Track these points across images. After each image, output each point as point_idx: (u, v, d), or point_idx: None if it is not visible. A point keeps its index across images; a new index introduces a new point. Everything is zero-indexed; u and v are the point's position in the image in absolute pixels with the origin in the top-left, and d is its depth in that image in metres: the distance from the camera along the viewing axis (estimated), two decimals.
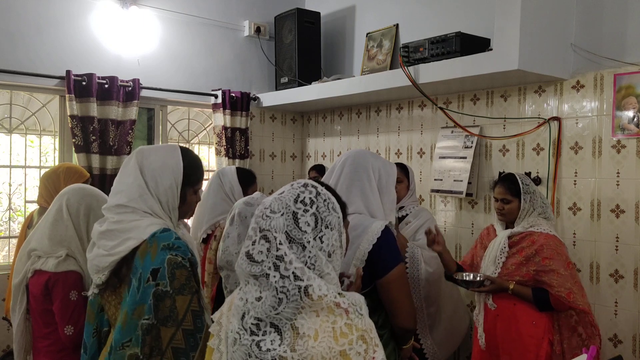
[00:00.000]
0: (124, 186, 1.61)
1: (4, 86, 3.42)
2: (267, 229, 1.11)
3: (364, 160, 1.93)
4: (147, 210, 1.58)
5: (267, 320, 1.08)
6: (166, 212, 1.62)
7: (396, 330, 1.84)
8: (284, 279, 1.08)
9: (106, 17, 3.69)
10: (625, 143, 2.70)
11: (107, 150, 3.57)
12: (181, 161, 1.64)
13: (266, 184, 4.54)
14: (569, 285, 2.30)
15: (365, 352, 1.07)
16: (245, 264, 1.12)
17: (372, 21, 4.07)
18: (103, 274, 1.57)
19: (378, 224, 1.80)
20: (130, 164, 1.63)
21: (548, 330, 2.37)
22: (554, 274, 2.32)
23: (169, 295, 1.47)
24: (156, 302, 1.46)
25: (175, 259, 1.49)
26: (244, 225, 2.19)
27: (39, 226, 2.05)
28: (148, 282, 1.48)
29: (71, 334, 1.93)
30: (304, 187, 1.18)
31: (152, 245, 1.52)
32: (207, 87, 4.18)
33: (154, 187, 1.60)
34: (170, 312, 1.47)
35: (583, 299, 2.34)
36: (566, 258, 2.37)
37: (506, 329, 2.43)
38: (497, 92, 3.24)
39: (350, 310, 1.10)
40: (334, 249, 1.16)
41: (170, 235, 1.54)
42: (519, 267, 2.40)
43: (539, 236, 2.37)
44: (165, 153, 1.66)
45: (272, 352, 1.06)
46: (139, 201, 1.58)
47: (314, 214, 1.14)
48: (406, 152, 3.82)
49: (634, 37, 2.66)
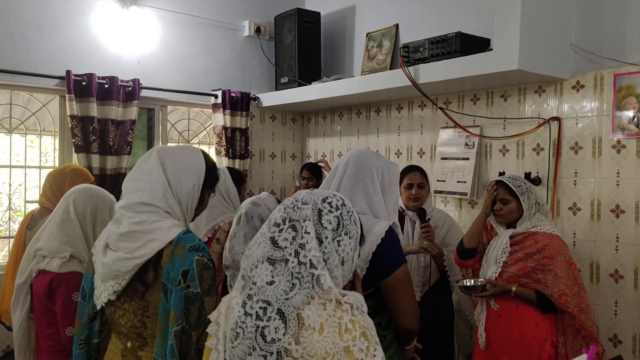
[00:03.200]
0: (146, 184, 1.54)
1: (4, 86, 3.42)
2: (297, 219, 1.15)
3: (367, 160, 1.92)
4: (168, 209, 1.54)
5: (275, 306, 1.09)
6: (184, 213, 1.59)
7: (399, 331, 1.83)
8: (300, 265, 1.11)
9: (106, 17, 3.69)
10: (625, 143, 2.70)
11: (107, 150, 3.57)
12: (204, 162, 1.63)
13: (266, 184, 4.54)
14: (563, 287, 2.29)
15: (367, 350, 1.08)
16: (267, 247, 1.14)
17: (372, 21, 4.07)
18: (124, 279, 1.48)
19: (382, 225, 1.79)
20: (151, 162, 1.57)
21: (551, 332, 2.35)
22: (551, 274, 2.31)
23: (199, 296, 1.44)
24: (187, 305, 1.42)
25: (202, 260, 1.47)
26: (250, 225, 2.19)
27: (46, 226, 2.04)
28: (180, 285, 1.43)
29: (72, 335, 1.93)
30: (332, 194, 1.23)
31: (179, 247, 1.47)
32: (207, 87, 4.18)
33: (176, 186, 1.56)
34: (199, 314, 1.44)
35: (578, 301, 2.30)
36: (568, 259, 2.36)
37: (508, 330, 2.42)
38: (497, 92, 3.25)
39: (354, 305, 1.11)
40: (348, 258, 1.19)
41: (194, 237, 1.51)
42: (517, 262, 2.39)
43: (542, 236, 2.37)
44: (189, 154, 1.64)
45: (277, 344, 1.06)
46: (162, 200, 1.53)
47: (337, 216, 1.18)
48: (406, 152, 3.82)
49: (634, 37, 2.66)
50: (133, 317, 1.53)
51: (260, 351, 1.07)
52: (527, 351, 2.36)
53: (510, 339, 2.41)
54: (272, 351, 1.06)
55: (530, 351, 2.35)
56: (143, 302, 1.51)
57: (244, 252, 1.19)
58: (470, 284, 2.45)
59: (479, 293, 2.43)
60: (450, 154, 3.45)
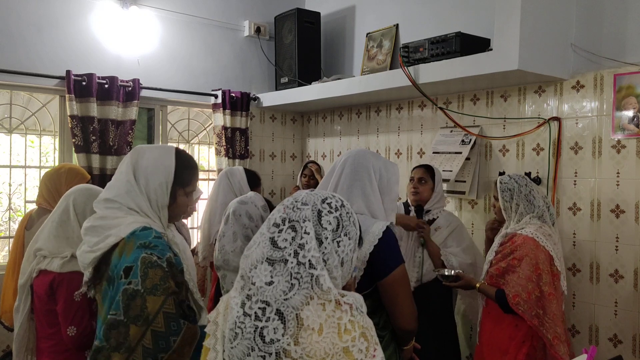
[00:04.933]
0: (114, 182, 1.66)
1: (4, 86, 3.42)
2: (296, 220, 1.15)
3: (365, 160, 1.91)
4: (133, 207, 1.61)
5: (274, 306, 1.08)
6: (155, 210, 1.64)
7: (397, 331, 1.83)
8: (299, 266, 1.10)
9: (106, 17, 3.69)
10: (625, 143, 2.70)
11: (107, 150, 3.57)
12: (174, 160, 1.67)
13: (266, 184, 4.54)
14: (519, 289, 2.29)
15: (367, 350, 1.08)
16: (267, 248, 1.14)
17: (372, 21, 4.07)
18: (88, 270, 1.60)
19: (379, 225, 1.79)
20: (126, 161, 1.68)
21: (532, 335, 2.33)
22: (515, 274, 2.33)
23: (140, 294, 1.46)
24: (127, 301, 1.45)
25: (149, 258, 1.49)
26: (239, 224, 2.20)
27: (45, 226, 2.04)
28: (120, 280, 1.49)
29: (74, 334, 1.92)
30: (331, 195, 1.24)
31: (129, 243, 1.53)
32: (207, 87, 4.18)
33: (144, 184, 1.63)
34: (141, 312, 1.45)
35: (536, 305, 2.26)
36: (536, 262, 2.30)
37: (493, 329, 2.46)
38: (497, 92, 3.25)
39: (353, 305, 1.11)
40: (347, 259, 1.19)
41: (149, 234, 1.54)
42: (498, 262, 2.44)
43: (519, 238, 2.39)
44: (159, 152, 1.70)
45: (275, 345, 1.06)
46: (125, 197, 1.61)
47: (337, 217, 1.19)
48: (406, 152, 3.82)
49: (634, 37, 2.66)
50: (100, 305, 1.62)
51: (259, 352, 1.07)
52: (504, 352, 2.37)
53: (496, 337, 2.43)
54: (270, 352, 1.06)
55: (507, 352, 2.36)
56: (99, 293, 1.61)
57: (244, 253, 1.19)
58: (447, 273, 2.66)
59: (451, 282, 2.62)
60: (442, 150, 3.44)
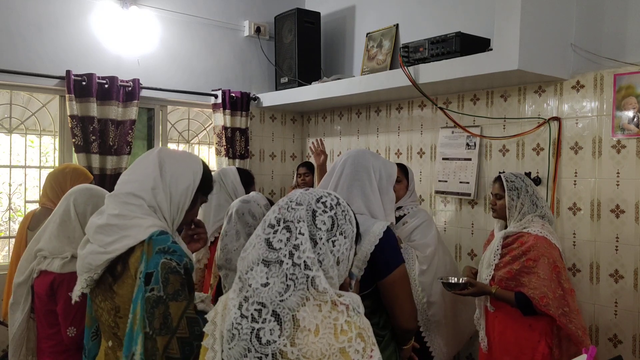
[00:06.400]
0: (138, 176, 1.55)
1: (4, 86, 3.42)
2: (291, 220, 1.14)
3: (365, 160, 1.92)
4: (154, 205, 1.53)
5: (270, 307, 1.08)
6: (173, 213, 1.58)
7: (397, 331, 1.83)
8: (294, 267, 1.10)
9: (106, 17, 3.69)
10: (625, 143, 2.69)
11: (107, 150, 3.57)
12: (202, 168, 1.65)
13: (266, 184, 4.54)
14: (545, 289, 2.26)
15: (364, 351, 1.07)
16: (262, 249, 1.13)
17: (372, 21, 4.07)
18: (96, 272, 1.49)
19: (380, 225, 1.79)
20: (150, 158, 1.58)
21: (546, 334, 2.33)
22: (534, 275, 2.29)
23: (162, 300, 1.41)
24: (151, 309, 1.40)
25: (169, 264, 1.44)
26: (242, 223, 2.19)
27: (46, 227, 2.04)
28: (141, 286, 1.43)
29: (74, 335, 1.93)
30: (327, 194, 1.22)
31: (148, 248, 1.46)
32: (207, 87, 4.18)
33: (172, 183, 1.56)
34: (164, 319, 1.42)
35: (562, 304, 2.26)
36: (553, 261, 2.30)
37: (503, 331, 2.43)
38: (497, 92, 3.24)
39: (350, 306, 1.11)
40: (343, 257, 1.18)
41: (167, 239, 1.49)
42: (506, 265, 2.39)
43: (528, 237, 2.35)
44: (188, 156, 1.68)
45: (272, 346, 1.06)
46: (149, 193, 1.52)
47: (331, 216, 1.17)
48: (406, 152, 3.82)
49: (634, 37, 2.66)
50: (108, 316, 1.53)
51: (256, 353, 1.07)
52: (520, 353, 2.35)
53: (505, 341, 2.41)
54: (267, 353, 1.06)
55: (523, 352, 2.34)
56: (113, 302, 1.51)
57: (240, 255, 1.19)
58: (453, 281, 2.52)
59: (460, 291, 2.48)
60: (451, 155, 3.44)
